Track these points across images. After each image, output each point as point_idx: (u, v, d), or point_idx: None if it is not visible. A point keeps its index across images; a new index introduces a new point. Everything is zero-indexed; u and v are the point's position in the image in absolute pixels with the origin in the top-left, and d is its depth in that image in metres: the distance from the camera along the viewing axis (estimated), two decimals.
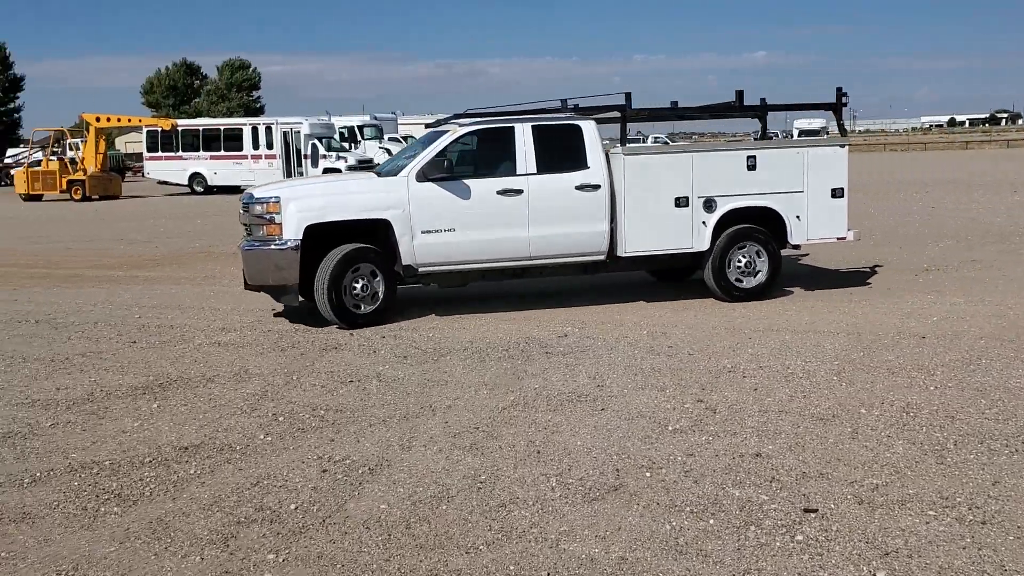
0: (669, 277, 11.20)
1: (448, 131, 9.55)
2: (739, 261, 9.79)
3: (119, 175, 41.44)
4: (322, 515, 4.59)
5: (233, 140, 37.97)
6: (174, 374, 7.40)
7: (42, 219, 26.35)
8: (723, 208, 9.67)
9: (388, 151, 35.13)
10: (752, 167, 9.75)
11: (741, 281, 9.80)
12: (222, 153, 37.86)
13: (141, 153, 43.31)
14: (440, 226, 9.17)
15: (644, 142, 41.68)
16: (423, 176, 9.14)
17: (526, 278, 9.91)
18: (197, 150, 38.29)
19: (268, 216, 8.95)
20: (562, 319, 9.26)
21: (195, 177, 38.10)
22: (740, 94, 10.69)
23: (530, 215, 9.34)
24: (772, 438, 5.55)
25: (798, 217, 9.88)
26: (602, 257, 9.70)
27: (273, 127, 37.35)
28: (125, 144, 72.72)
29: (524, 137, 9.41)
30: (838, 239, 10.18)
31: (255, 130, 37.80)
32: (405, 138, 39.73)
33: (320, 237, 8.94)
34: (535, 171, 9.38)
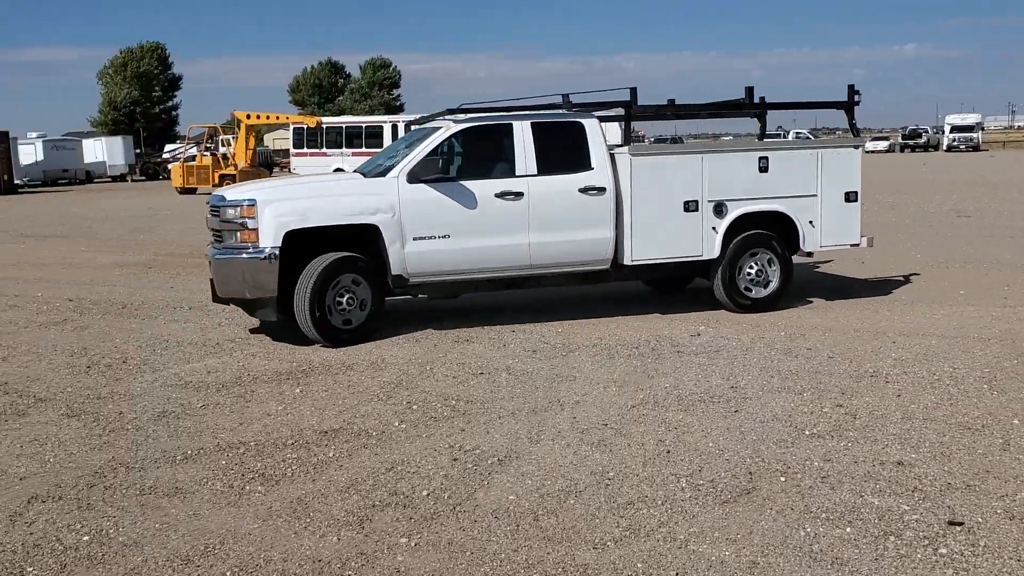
0: (665, 286, 10.77)
1: (440, 128, 8.84)
2: (749, 269, 9.26)
3: (267, 170, 43.32)
4: (452, 502, 4.68)
5: (374, 137, 39.09)
6: (316, 361, 7.70)
7: (196, 212, 27.84)
8: (734, 213, 9.12)
9: None
10: (764, 169, 9.20)
11: (751, 290, 9.29)
12: (363, 150, 39.01)
13: (288, 149, 45.13)
14: (434, 232, 8.44)
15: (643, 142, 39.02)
16: (414, 177, 8.41)
17: (523, 288, 9.30)
18: (340, 147, 39.59)
19: (242, 221, 8.13)
20: (695, 319, 9.12)
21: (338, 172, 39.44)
22: (750, 91, 9.83)
23: (531, 220, 8.68)
24: (915, 446, 5.31)
25: (811, 222, 9.39)
26: (606, 266, 9.08)
27: (412, 125, 38.24)
28: (273, 140, 75.96)
29: (523, 135, 8.76)
30: (851, 246, 9.72)
31: (395, 127, 38.81)
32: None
33: (300, 244, 8.16)
34: (535, 172, 8.71)
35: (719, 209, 9.08)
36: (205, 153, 38.68)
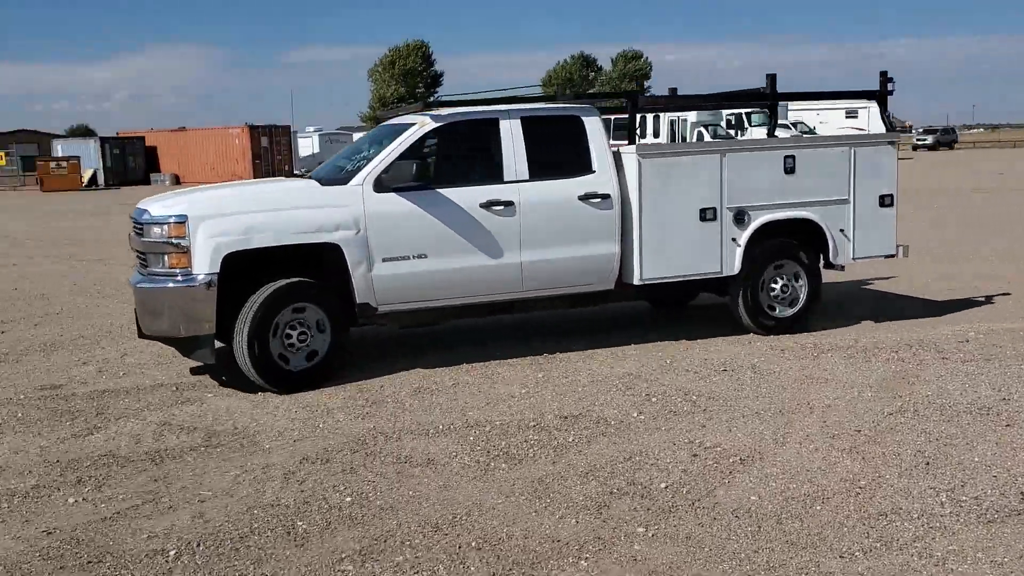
0: (666, 302, 9.56)
1: (414, 124, 7.35)
2: (773, 285, 8.14)
3: None
4: (691, 498, 4.64)
5: (622, 129, 39.26)
6: (556, 349, 7.88)
7: None
8: (756, 221, 7.92)
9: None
10: (791, 170, 8.00)
11: (774, 309, 8.20)
12: (612, 142, 39.31)
13: None
14: (407, 251, 7.02)
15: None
16: (383, 185, 6.99)
17: (511, 314, 8.10)
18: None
19: (171, 241, 6.62)
20: (965, 322, 8.42)
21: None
22: (773, 79, 8.62)
23: (523, 235, 7.33)
24: None
25: (842, 231, 8.21)
26: (608, 286, 7.81)
27: (661, 116, 37.98)
28: None
29: (512, 133, 7.37)
30: (887, 257, 8.56)
31: (643, 119, 38.74)
32: (794, 124, 38.39)
33: (242, 267, 6.70)
34: (527, 177, 7.36)
35: (740, 217, 7.87)
36: None
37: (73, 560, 4.14)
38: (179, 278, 6.60)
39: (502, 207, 7.26)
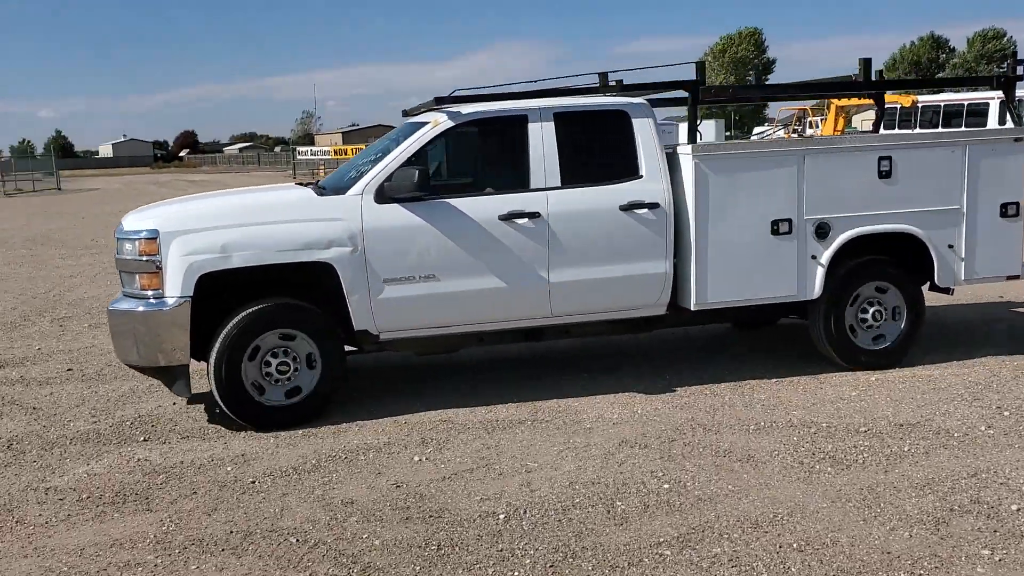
0: (746, 324, 8.36)
1: (427, 124, 6.42)
2: (863, 312, 6.87)
3: None
4: None
5: (976, 116, 35.61)
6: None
7: None
8: (843, 235, 6.65)
9: None
10: (886, 173, 6.65)
11: (867, 340, 6.91)
12: (962, 130, 35.86)
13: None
14: (413, 272, 6.11)
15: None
16: (384, 195, 6.10)
17: (541, 340, 6.85)
18: (936, 126, 36.87)
19: (142, 259, 5.88)
20: None
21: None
22: (867, 64, 7.19)
23: (552, 251, 6.30)
24: None
25: (951, 246, 6.82)
26: (660, 311, 6.66)
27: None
28: (860, 122, 73.61)
29: (542, 131, 6.35)
30: (1008, 278, 7.07)
31: (1004, 106, 34.87)
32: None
33: (223, 287, 5.96)
34: (558, 183, 6.32)
35: (822, 231, 6.64)
36: (792, 135, 39.00)
37: (417, 513, 4.58)
38: (151, 300, 5.85)
39: (526, 219, 6.26)
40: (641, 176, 6.47)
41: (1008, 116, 7.92)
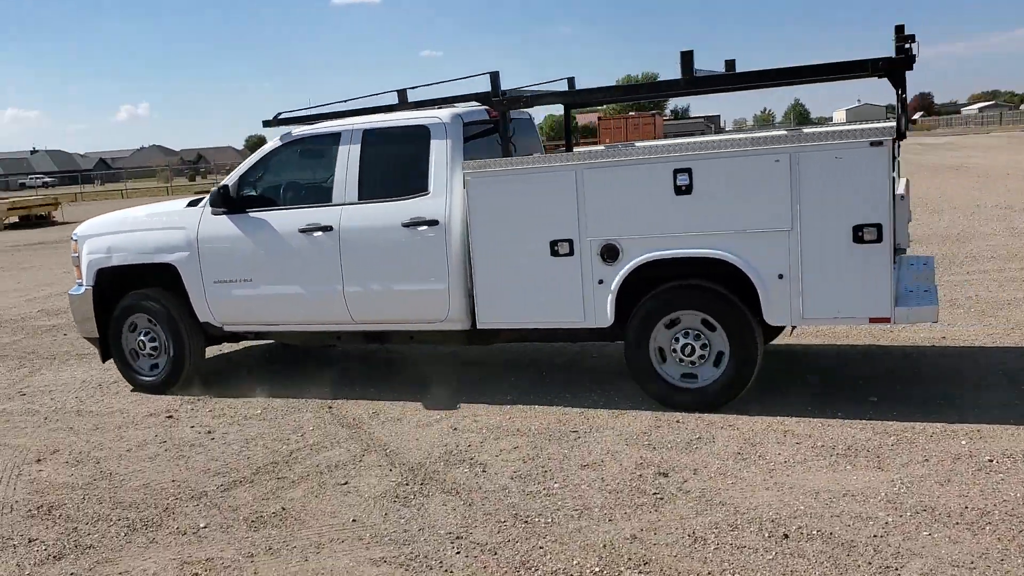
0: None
1: (269, 143, 7.08)
2: (675, 342, 5.89)
3: None
4: None
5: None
6: None
7: None
8: (634, 259, 5.79)
9: None
10: (685, 189, 5.54)
11: (684, 375, 5.96)
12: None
13: None
14: (234, 275, 6.91)
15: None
16: (216, 208, 6.93)
17: (383, 344, 7.27)
18: None
19: (74, 255, 7.70)
20: None
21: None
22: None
23: (343, 264, 6.51)
24: None
25: (780, 276, 5.34)
26: (456, 327, 6.39)
27: None
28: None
29: (350, 149, 6.55)
30: (871, 320, 5.35)
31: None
32: None
33: (124, 282, 7.48)
34: (355, 199, 6.50)
35: (610, 253, 5.82)
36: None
37: None
38: (80, 287, 7.57)
39: (320, 232, 6.60)
40: (428, 192, 6.37)
41: (901, 116, 5.64)
